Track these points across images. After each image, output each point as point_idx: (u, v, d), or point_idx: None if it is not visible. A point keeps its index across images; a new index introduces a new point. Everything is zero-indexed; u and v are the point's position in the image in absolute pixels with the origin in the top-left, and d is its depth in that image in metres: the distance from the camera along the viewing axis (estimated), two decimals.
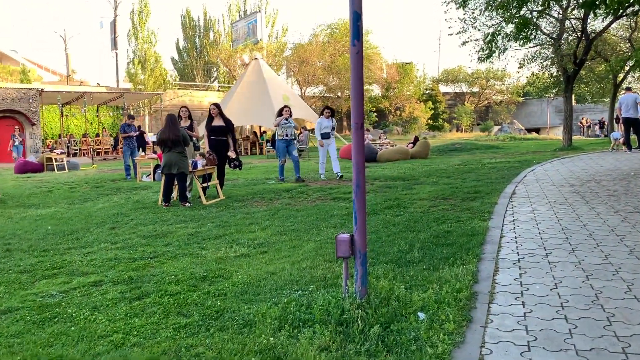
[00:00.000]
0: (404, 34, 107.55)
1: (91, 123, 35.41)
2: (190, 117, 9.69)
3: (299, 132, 22.64)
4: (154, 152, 27.32)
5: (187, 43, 54.13)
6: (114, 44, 49.60)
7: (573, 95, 19.59)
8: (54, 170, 17.92)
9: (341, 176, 11.69)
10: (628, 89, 15.20)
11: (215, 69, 55.29)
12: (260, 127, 26.65)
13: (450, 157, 18.52)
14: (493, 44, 14.62)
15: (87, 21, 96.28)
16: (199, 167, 8.85)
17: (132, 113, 36.60)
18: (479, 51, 15.64)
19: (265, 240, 5.86)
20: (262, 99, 24.70)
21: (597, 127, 40.96)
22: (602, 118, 41.35)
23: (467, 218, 6.71)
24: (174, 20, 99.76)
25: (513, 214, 7.00)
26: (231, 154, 9.46)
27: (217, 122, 9.42)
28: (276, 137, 11.50)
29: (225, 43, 49.42)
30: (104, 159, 26.49)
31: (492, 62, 18.44)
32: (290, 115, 11.43)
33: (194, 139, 10.09)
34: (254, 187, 10.67)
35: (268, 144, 22.34)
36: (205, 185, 9.10)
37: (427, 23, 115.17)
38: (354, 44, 3.74)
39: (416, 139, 18.47)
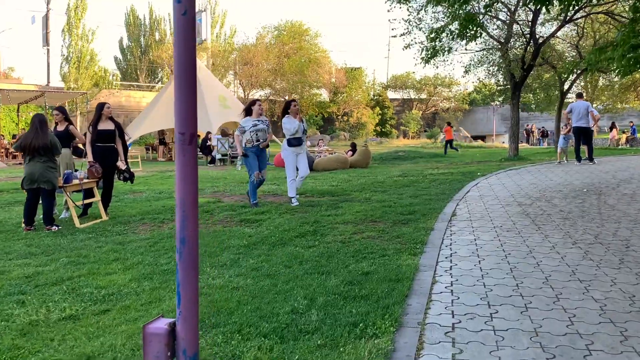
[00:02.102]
0: (355, 40, 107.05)
1: (17, 123, 32.58)
2: (67, 119, 7.95)
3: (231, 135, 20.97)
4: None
5: (131, 42, 51.55)
6: (46, 40, 46.45)
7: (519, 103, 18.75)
8: None
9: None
10: (579, 95, 14.10)
11: (160, 69, 52.97)
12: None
13: (392, 165, 17.32)
14: (437, 42, 13.45)
15: (21, 15, 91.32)
16: (75, 180, 7.13)
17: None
18: (422, 50, 14.44)
19: (118, 290, 4.28)
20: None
21: (538, 136, 40.99)
22: (542, 127, 41.41)
23: (395, 251, 5.33)
24: (117, 18, 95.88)
25: (451, 244, 5.67)
26: (120, 164, 7.79)
27: (105, 125, 7.73)
28: (243, 145, 8.15)
29: (171, 42, 47.24)
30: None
31: (437, 66, 17.39)
32: (261, 113, 8.38)
33: (78, 145, 8.37)
34: (155, 202, 9.01)
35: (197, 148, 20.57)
36: (79, 204, 7.41)
37: (378, 29, 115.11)
38: (178, 1, 2.24)
39: (354, 146, 17.16)
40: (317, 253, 5.28)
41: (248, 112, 8.30)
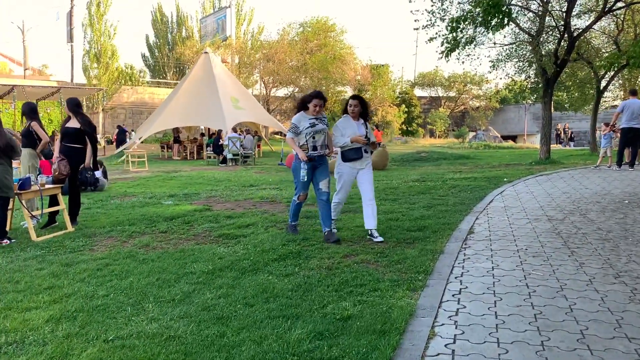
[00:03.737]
0: (381, 36, 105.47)
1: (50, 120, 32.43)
2: (32, 116, 7.08)
3: (240, 132, 20.06)
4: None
5: (158, 39, 51.30)
6: (70, 37, 46.53)
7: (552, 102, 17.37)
8: None
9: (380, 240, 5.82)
10: (633, 92, 12.37)
11: (187, 66, 52.64)
12: (209, 129, 24.04)
13: (411, 168, 16.15)
14: (458, 32, 12.24)
15: (48, 12, 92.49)
16: (34, 185, 6.25)
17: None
18: (443, 43, 13.19)
19: (24, 336, 3.34)
20: (209, 97, 22.06)
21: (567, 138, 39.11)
22: (566, 125, 39.49)
23: (391, 284, 4.29)
24: (145, 15, 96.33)
25: (462, 274, 4.59)
26: (87, 163, 6.88)
27: (71, 123, 6.85)
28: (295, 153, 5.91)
29: (198, 39, 46.87)
30: None
31: (463, 61, 16.13)
32: (322, 108, 5.93)
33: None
34: (138, 209, 8.11)
35: (209, 148, 19.69)
36: (37, 214, 6.54)
37: (407, 24, 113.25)
38: None
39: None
40: (292, 285, 4.27)
41: (302, 106, 5.94)
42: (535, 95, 23.24)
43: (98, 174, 11.25)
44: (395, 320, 3.47)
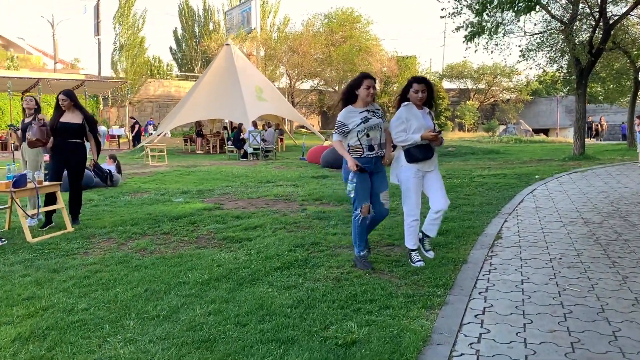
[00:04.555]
0: (409, 27, 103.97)
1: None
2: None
3: (262, 128, 19.64)
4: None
5: (186, 32, 51.29)
6: (97, 30, 46.87)
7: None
8: None
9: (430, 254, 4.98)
10: None
11: (213, 59, 52.56)
12: (231, 122, 23.71)
13: (438, 163, 15.49)
14: (484, 15, 11.52)
15: (77, 5, 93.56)
16: (28, 183, 5.90)
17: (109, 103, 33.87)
18: (467, 26, 12.49)
19: None
20: (232, 89, 21.68)
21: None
22: (596, 123, 38.04)
23: (405, 299, 3.79)
24: (173, 7, 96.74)
25: (487, 289, 4.06)
26: (92, 161, 6.53)
27: (68, 117, 6.47)
28: (345, 149, 4.60)
29: (224, 32, 46.68)
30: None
31: (492, 51, 15.38)
32: (374, 96, 4.61)
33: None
34: (146, 207, 7.74)
35: (229, 142, 19.32)
36: (32, 213, 6.19)
37: (434, 14, 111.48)
38: None
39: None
40: (293, 299, 3.80)
41: (348, 97, 4.56)
42: (567, 87, 22.26)
43: (112, 168, 10.97)
44: (406, 349, 2.98)
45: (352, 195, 4.52)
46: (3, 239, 5.63)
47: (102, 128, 28.60)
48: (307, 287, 4.07)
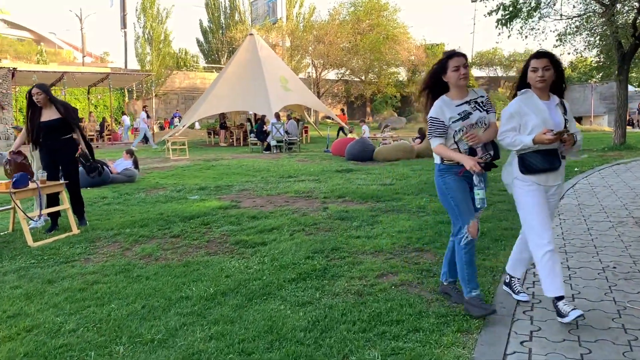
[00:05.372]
0: (437, 14, 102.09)
1: (96, 106, 32.69)
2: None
3: (285, 120, 19.14)
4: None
5: (212, 24, 51.03)
6: (123, 23, 47.04)
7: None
8: None
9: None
10: None
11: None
12: (255, 114, 23.29)
13: None
14: None
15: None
16: (30, 184, 5.52)
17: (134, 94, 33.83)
18: (499, 9, 11.74)
19: None
20: (255, 80, 21.23)
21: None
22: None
23: (437, 321, 3.28)
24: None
25: (532, 308, 3.51)
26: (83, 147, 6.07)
27: (48, 114, 5.93)
28: (439, 160, 3.47)
29: (249, 23, 46.28)
30: None
31: (526, 35, 14.56)
32: (468, 77, 3.39)
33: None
34: (159, 206, 7.33)
35: (252, 134, 18.89)
36: (34, 215, 5.80)
37: (465, 1, 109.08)
38: None
39: (423, 133, 14.80)
40: (308, 319, 3.31)
41: (436, 84, 3.45)
42: (601, 74, 21.16)
43: (129, 164, 10.65)
44: None
45: (485, 205, 3.35)
46: None
47: (126, 121, 28.55)
48: (325, 303, 3.57)
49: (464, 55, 3.38)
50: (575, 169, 10.06)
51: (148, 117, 24.76)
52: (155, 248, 5.08)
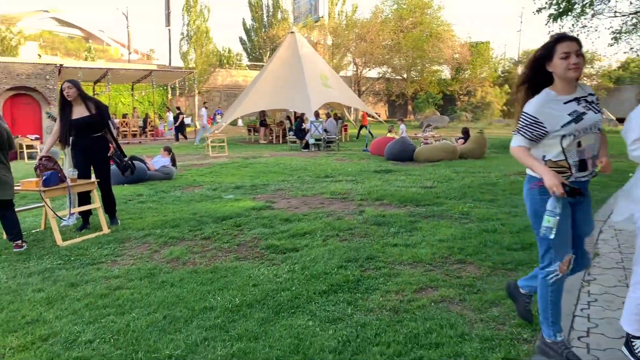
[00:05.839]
0: (483, 12, 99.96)
1: (140, 102, 33.27)
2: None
3: (324, 118, 18.89)
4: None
5: (255, 22, 51.26)
6: (167, 20, 47.70)
7: None
8: (25, 159, 15.42)
9: None
10: None
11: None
12: (294, 112, 23.11)
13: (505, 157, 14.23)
14: None
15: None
16: (61, 181, 5.43)
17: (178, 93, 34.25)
18: (550, 5, 11.15)
19: None
20: (295, 78, 21.06)
21: None
22: None
23: (481, 345, 2.97)
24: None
25: (588, 333, 3.16)
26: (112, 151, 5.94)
27: (79, 111, 5.80)
28: (534, 174, 2.80)
29: (292, 21, 46.29)
30: (127, 143, 23.91)
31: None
32: (581, 69, 2.72)
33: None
34: (193, 205, 7.19)
35: (291, 132, 18.71)
36: (64, 214, 5.70)
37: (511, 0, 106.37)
38: None
39: (467, 133, 14.30)
40: (338, 339, 3.04)
41: (537, 79, 2.82)
42: None
43: (167, 161, 10.60)
44: None
45: (551, 237, 2.66)
46: (25, 242, 5.17)
47: (169, 117, 28.83)
48: (357, 320, 3.29)
49: (576, 40, 2.73)
50: (630, 174, 9.45)
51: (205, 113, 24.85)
52: (184, 251, 4.90)
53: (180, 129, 23.45)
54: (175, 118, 23.82)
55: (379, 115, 32.47)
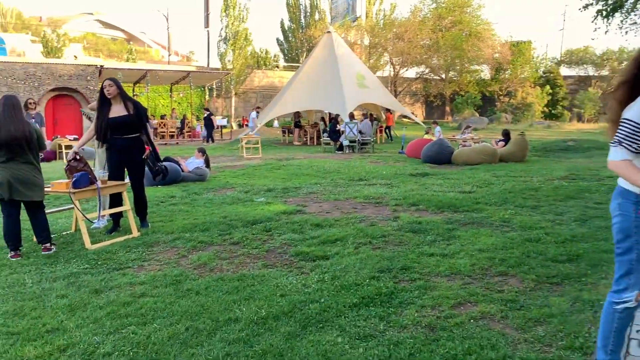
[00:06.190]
0: (524, 10, 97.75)
1: (179, 103, 33.71)
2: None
3: (359, 119, 18.63)
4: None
5: (292, 23, 51.36)
6: (206, 22, 48.24)
7: None
8: (63, 159, 15.65)
9: None
10: None
11: None
12: (329, 113, 22.92)
13: (556, 160, 13.71)
14: None
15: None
16: (91, 183, 5.37)
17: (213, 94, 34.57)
18: (600, 0, 10.63)
19: None
20: (331, 79, 20.86)
21: None
22: None
23: None
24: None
25: None
26: (147, 154, 5.83)
27: (117, 110, 5.73)
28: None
29: (329, 21, 46.16)
30: (165, 144, 24.17)
31: (626, 31, 13.24)
32: None
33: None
34: (224, 208, 7.07)
35: (325, 134, 18.52)
36: (93, 217, 5.62)
37: None
38: None
39: (507, 135, 13.82)
40: (368, 359, 2.82)
41: None
42: None
43: (200, 162, 10.55)
44: None
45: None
46: (54, 245, 5.13)
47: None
48: (390, 338, 3.07)
49: None
50: None
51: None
52: (212, 257, 4.76)
53: (208, 129, 23.55)
54: (206, 119, 23.94)
55: (416, 116, 31.96)
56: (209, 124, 23.54)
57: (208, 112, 23.92)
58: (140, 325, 3.30)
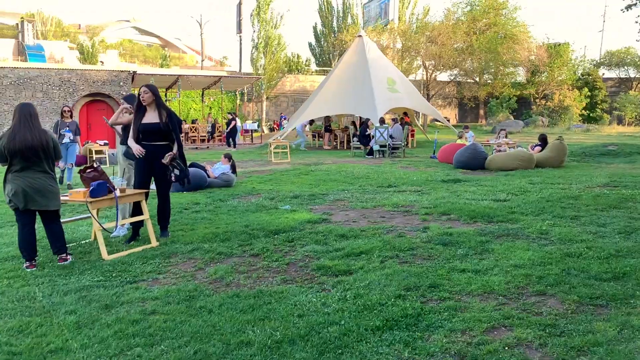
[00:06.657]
0: (562, 11, 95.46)
1: (210, 107, 33.97)
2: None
3: (390, 124, 18.25)
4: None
5: (325, 28, 51.27)
6: (239, 27, 48.57)
7: None
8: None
9: None
10: None
11: None
12: (359, 117, 22.59)
13: (596, 166, 13.11)
14: None
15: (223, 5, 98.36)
16: (109, 192, 5.21)
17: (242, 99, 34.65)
18: None
19: None
20: (362, 83, 20.54)
21: None
22: None
23: None
24: (315, 5, 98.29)
25: None
26: (167, 158, 5.63)
27: (150, 117, 5.66)
28: None
29: (361, 25, 45.87)
30: (195, 148, 24.25)
31: None
32: None
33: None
34: (247, 216, 6.86)
35: (355, 138, 18.21)
36: (109, 226, 5.47)
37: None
38: None
39: (544, 140, 13.26)
40: None
41: None
42: None
43: (226, 168, 10.40)
44: None
45: None
46: (70, 254, 4.99)
47: (238, 123, 29.13)
48: None
49: None
50: None
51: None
52: (229, 270, 4.54)
53: (232, 134, 23.35)
54: (228, 123, 23.79)
55: (448, 120, 31.36)
56: (231, 129, 23.21)
57: (231, 117, 23.80)
58: (146, 347, 3.10)
